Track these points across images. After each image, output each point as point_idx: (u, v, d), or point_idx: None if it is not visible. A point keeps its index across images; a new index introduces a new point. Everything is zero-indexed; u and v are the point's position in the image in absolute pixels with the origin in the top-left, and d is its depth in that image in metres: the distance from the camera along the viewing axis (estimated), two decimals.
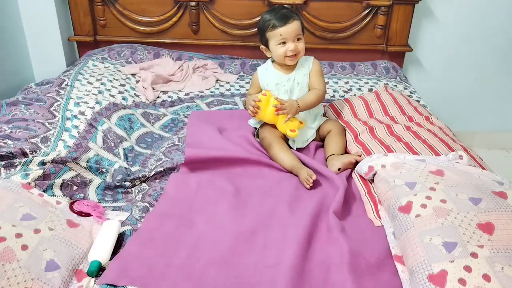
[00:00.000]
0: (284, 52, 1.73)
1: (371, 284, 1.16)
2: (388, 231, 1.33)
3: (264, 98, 1.72)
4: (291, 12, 1.76)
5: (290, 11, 1.77)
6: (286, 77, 1.80)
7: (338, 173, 1.60)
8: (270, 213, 1.40)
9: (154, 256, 1.22)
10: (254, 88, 1.88)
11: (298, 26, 1.74)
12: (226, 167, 1.64)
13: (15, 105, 1.82)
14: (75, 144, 1.66)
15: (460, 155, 1.52)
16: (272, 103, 1.70)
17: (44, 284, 1.07)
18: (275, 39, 1.74)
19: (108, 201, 1.47)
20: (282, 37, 1.71)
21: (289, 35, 1.71)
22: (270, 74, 1.83)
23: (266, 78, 1.83)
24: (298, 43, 1.74)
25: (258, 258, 1.23)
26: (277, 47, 1.74)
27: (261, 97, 1.72)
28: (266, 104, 1.72)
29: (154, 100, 2.16)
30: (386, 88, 2.12)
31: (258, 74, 1.87)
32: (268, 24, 1.73)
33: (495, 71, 2.70)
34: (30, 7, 2.37)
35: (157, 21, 2.49)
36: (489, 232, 1.14)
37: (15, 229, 1.15)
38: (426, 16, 2.56)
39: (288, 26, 1.71)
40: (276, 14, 1.73)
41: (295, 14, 1.76)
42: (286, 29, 1.71)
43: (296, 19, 1.74)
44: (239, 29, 2.50)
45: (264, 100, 1.72)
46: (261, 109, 1.72)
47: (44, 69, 2.50)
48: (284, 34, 1.71)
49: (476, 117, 2.85)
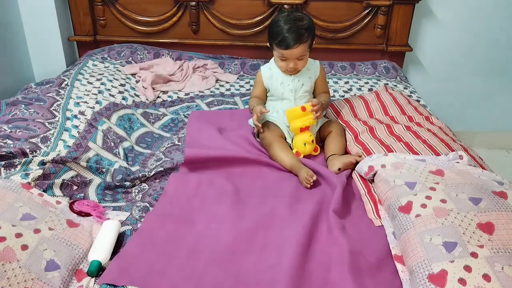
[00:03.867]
0: (284, 66, 1.75)
1: (371, 284, 1.16)
2: (388, 231, 1.33)
3: (292, 113, 1.70)
4: (303, 34, 1.67)
5: (304, 31, 1.68)
6: (290, 77, 1.81)
7: (338, 173, 1.60)
8: (270, 213, 1.40)
9: (154, 256, 1.22)
10: (258, 87, 1.87)
11: (303, 49, 1.70)
12: (226, 167, 1.64)
13: (15, 105, 1.82)
14: (75, 144, 1.66)
15: (460, 155, 1.52)
16: (308, 108, 1.69)
17: (44, 284, 1.07)
18: (277, 53, 1.74)
19: (108, 201, 1.47)
20: (283, 56, 1.72)
21: (291, 57, 1.71)
22: (274, 73, 1.83)
23: (271, 76, 1.83)
24: (299, 62, 1.73)
25: (258, 258, 1.23)
26: (278, 59, 1.76)
27: (290, 111, 1.70)
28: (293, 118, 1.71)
29: (154, 100, 2.15)
30: (386, 88, 2.12)
31: (262, 73, 1.86)
32: (276, 37, 1.69)
33: (495, 71, 2.70)
34: (30, 7, 2.37)
35: (157, 21, 2.49)
36: (489, 232, 1.14)
37: (15, 229, 1.15)
38: (426, 16, 2.56)
39: (292, 50, 1.69)
40: (286, 32, 1.66)
41: (306, 35, 1.68)
42: (289, 52, 1.70)
43: (304, 42, 1.68)
44: (239, 29, 2.50)
45: (292, 115, 1.70)
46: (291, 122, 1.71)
47: (44, 69, 2.50)
48: (286, 55, 1.71)
49: (476, 117, 2.85)
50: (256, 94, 1.89)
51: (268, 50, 1.84)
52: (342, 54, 2.55)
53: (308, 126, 1.70)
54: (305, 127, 1.70)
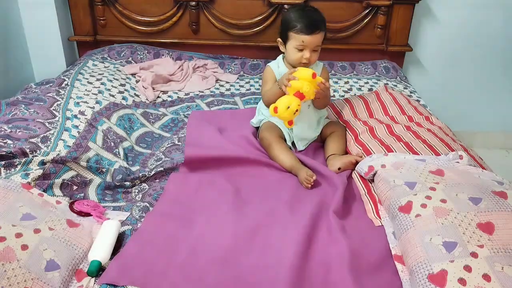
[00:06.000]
0: (298, 58, 1.72)
1: (371, 284, 1.16)
2: (388, 231, 1.33)
3: (304, 73, 1.61)
4: (320, 22, 1.71)
5: (320, 20, 1.72)
6: None
7: (338, 172, 1.60)
8: (270, 212, 1.40)
9: (154, 256, 1.22)
10: (271, 83, 1.81)
11: (321, 37, 1.71)
12: (226, 167, 1.64)
13: (15, 105, 1.82)
14: (75, 144, 1.66)
15: (460, 155, 1.52)
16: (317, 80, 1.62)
17: (44, 284, 1.07)
18: (295, 43, 1.71)
19: (108, 201, 1.47)
20: (303, 44, 1.70)
21: (310, 44, 1.70)
22: (282, 72, 1.79)
23: (279, 74, 1.79)
24: (313, 54, 1.72)
25: (258, 258, 1.23)
26: (294, 51, 1.72)
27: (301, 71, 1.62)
28: (300, 77, 1.60)
29: (154, 100, 2.16)
30: (386, 88, 2.12)
31: (272, 68, 1.82)
32: (294, 26, 1.69)
33: (495, 71, 2.70)
34: (30, 7, 2.37)
35: (157, 21, 2.49)
36: (489, 232, 1.14)
37: (15, 229, 1.15)
38: (426, 16, 2.56)
39: (313, 36, 1.68)
40: (306, 19, 1.69)
41: (323, 25, 1.72)
42: (310, 38, 1.68)
43: (322, 30, 1.71)
44: (239, 29, 2.50)
45: (303, 75, 1.61)
46: (298, 78, 1.60)
47: (44, 69, 2.50)
48: (306, 42, 1.69)
49: (476, 117, 2.85)
50: (268, 89, 1.81)
51: (269, 50, 1.84)
52: (342, 54, 2.55)
53: (304, 96, 1.60)
54: (301, 94, 1.60)
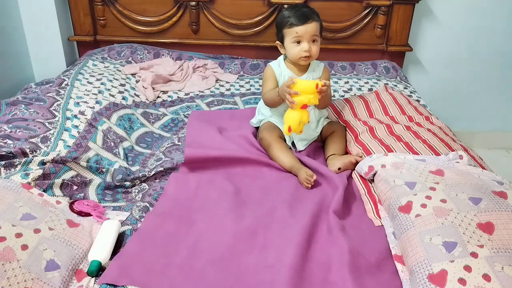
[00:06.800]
0: (298, 52, 1.71)
1: (371, 284, 1.16)
2: (388, 231, 1.33)
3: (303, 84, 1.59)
4: (312, 13, 1.73)
5: (311, 11, 1.74)
6: (297, 78, 1.78)
7: (338, 172, 1.60)
8: (270, 213, 1.40)
9: (154, 256, 1.22)
10: (271, 82, 1.79)
11: (316, 27, 1.71)
12: (226, 167, 1.64)
13: (15, 105, 1.82)
14: (75, 144, 1.66)
15: (460, 155, 1.52)
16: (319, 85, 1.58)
17: (44, 284, 1.07)
18: (290, 36, 1.71)
19: (108, 201, 1.47)
20: (298, 35, 1.69)
21: (305, 34, 1.69)
22: (283, 72, 1.79)
23: (280, 74, 1.79)
24: (313, 45, 1.71)
25: (258, 258, 1.23)
26: (292, 46, 1.72)
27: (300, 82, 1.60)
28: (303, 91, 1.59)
29: (154, 100, 2.16)
30: (386, 88, 2.12)
31: (273, 68, 1.81)
32: (287, 21, 1.71)
33: (495, 71, 2.70)
34: (30, 7, 2.37)
35: (157, 21, 2.49)
36: (489, 232, 1.14)
37: (15, 229, 1.15)
38: (426, 16, 2.56)
39: (306, 26, 1.68)
40: (296, 12, 1.71)
41: (315, 15, 1.73)
42: (303, 28, 1.68)
43: (316, 20, 1.71)
44: (239, 29, 2.50)
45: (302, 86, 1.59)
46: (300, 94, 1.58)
47: (44, 69, 2.50)
48: (300, 33, 1.69)
49: (476, 117, 2.85)
50: (270, 89, 1.79)
51: (268, 50, 1.84)
52: (342, 54, 2.55)
53: (307, 106, 1.62)
54: (306, 104, 1.60)
